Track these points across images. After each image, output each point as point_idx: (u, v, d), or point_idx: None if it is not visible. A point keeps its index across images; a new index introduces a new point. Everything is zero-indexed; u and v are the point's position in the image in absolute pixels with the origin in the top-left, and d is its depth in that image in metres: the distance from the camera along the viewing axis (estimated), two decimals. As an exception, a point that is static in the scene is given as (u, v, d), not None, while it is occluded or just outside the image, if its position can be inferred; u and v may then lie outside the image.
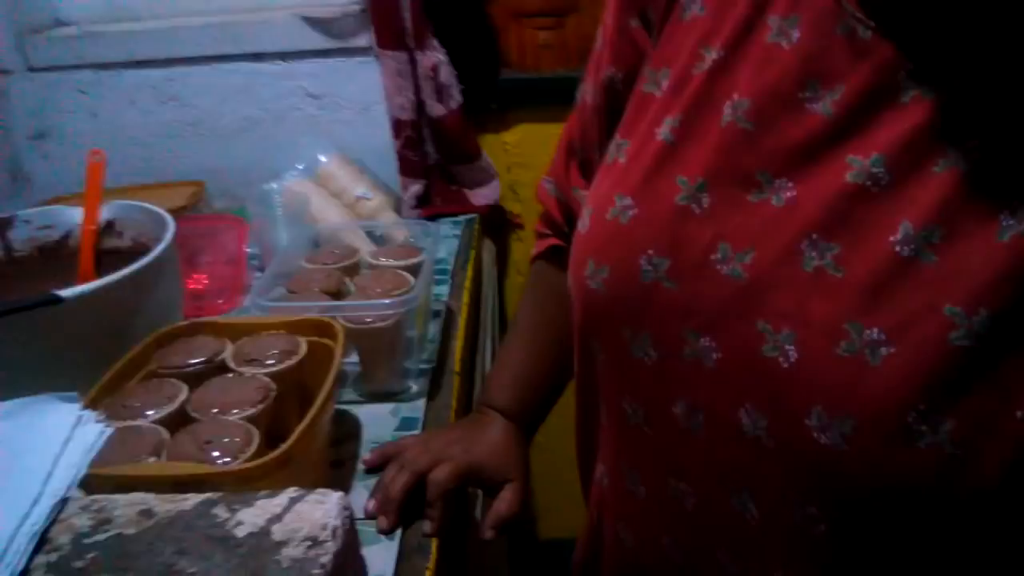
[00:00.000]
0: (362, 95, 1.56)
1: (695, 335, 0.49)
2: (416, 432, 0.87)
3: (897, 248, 0.40)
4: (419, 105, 1.46)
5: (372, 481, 0.78)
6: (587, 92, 0.66)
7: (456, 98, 1.47)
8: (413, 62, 1.42)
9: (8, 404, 0.56)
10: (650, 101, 0.53)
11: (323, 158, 1.52)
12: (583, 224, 0.57)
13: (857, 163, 0.41)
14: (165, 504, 0.50)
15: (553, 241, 0.81)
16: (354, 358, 0.95)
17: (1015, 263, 0.36)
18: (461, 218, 1.53)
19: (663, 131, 0.51)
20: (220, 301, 1.20)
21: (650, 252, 0.50)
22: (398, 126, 1.48)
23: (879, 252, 0.40)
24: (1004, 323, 0.37)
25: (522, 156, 1.63)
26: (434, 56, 1.43)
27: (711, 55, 0.49)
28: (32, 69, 1.54)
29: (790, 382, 0.43)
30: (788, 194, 0.44)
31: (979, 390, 0.37)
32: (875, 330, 0.40)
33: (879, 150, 0.41)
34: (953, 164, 0.38)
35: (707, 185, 0.47)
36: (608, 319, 0.54)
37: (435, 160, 1.53)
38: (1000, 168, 0.38)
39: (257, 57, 1.54)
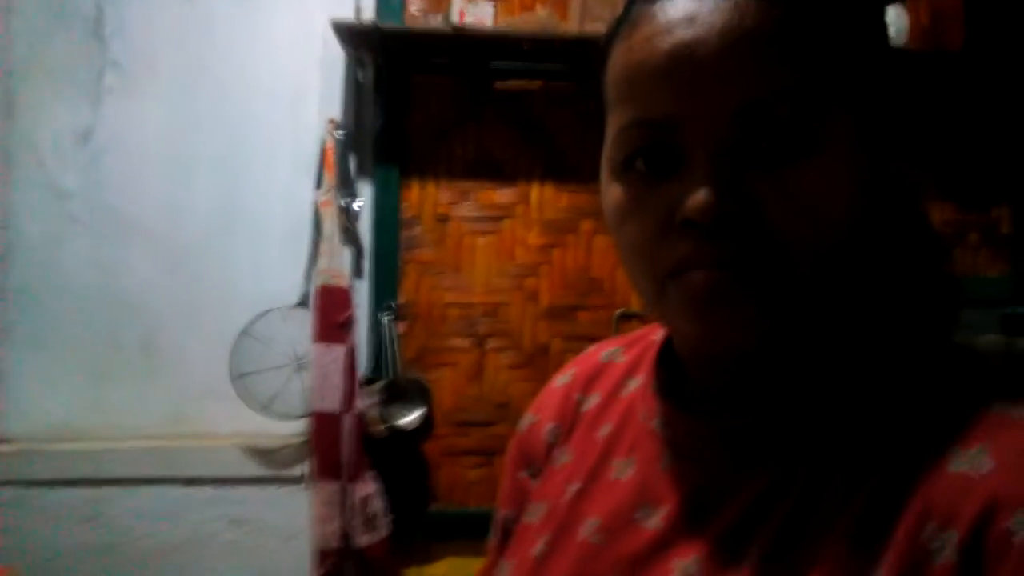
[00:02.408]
0: (288, 524, 1.58)
1: None
2: None
3: None
4: (346, 536, 1.48)
5: None
6: (494, 533, 0.76)
7: (384, 528, 1.50)
8: (345, 492, 1.48)
9: None
10: (529, 528, 0.63)
11: (238, 588, 1.47)
12: None
13: (680, 565, 0.49)
14: None
15: None
16: None
17: None
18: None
19: (537, 548, 0.60)
20: None
21: None
22: (321, 557, 1.47)
23: None
24: None
25: (445, 592, 1.61)
26: (367, 488, 1.49)
27: (573, 487, 0.61)
28: (-44, 484, 1.53)
29: None
30: None
31: None
32: None
33: (695, 554, 0.49)
34: (750, 560, 0.47)
35: None
36: None
37: (355, 595, 1.50)
38: (786, 554, 0.45)
39: (189, 482, 1.58)
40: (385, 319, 1.63)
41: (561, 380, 0.70)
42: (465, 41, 1.57)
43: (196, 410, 1.64)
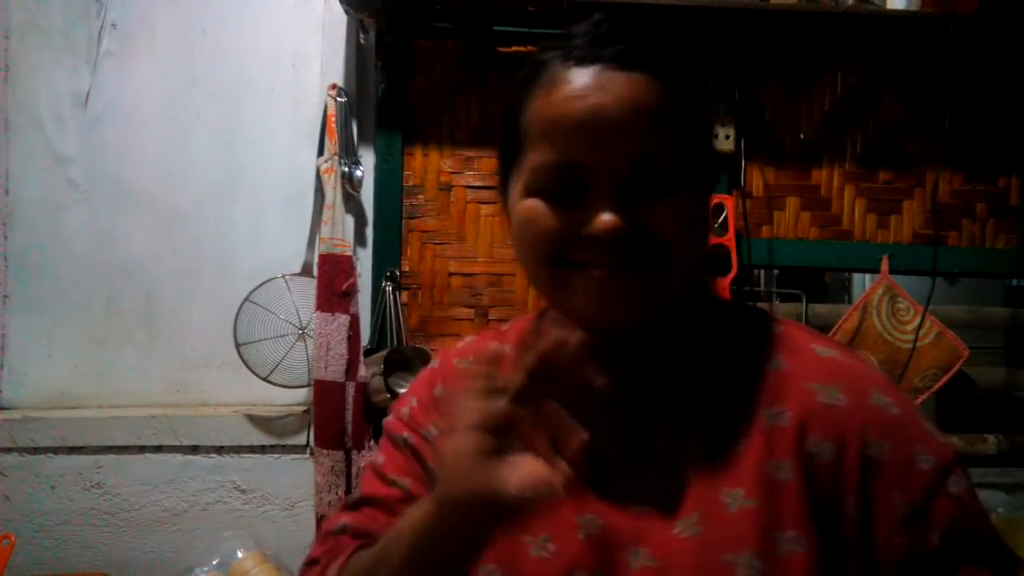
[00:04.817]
0: (291, 492, 1.58)
1: None
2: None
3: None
4: (348, 503, 1.48)
5: None
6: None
7: (386, 498, 1.50)
8: (348, 461, 1.47)
9: None
10: None
11: (240, 554, 1.47)
12: None
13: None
14: None
15: None
16: None
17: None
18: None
19: None
20: None
21: None
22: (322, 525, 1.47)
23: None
24: None
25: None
26: (369, 457, 1.48)
27: None
28: (-43, 452, 1.52)
29: None
30: (596, 528, 0.63)
31: None
32: None
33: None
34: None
35: (550, 538, 0.64)
36: None
37: (358, 561, 1.50)
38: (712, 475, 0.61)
39: (191, 450, 1.57)
40: (388, 288, 1.62)
41: (462, 362, 0.81)
42: (469, 4, 1.54)
43: (197, 378, 1.64)
